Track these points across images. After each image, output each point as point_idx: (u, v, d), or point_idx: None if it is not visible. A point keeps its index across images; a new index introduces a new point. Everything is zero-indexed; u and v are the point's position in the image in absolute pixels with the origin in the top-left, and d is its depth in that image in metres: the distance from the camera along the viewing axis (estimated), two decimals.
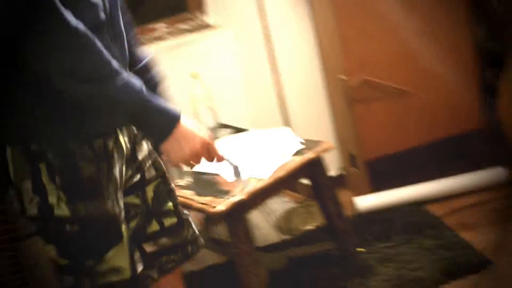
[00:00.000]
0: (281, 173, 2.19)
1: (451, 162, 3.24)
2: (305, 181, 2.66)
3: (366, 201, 2.93)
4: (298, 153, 2.29)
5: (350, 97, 2.88)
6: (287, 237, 2.87)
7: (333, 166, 3.27)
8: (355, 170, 3.07)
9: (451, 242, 2.48)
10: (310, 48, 3.11)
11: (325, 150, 2.35)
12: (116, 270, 1.38)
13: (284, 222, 2.98)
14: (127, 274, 1.41)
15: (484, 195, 2.85)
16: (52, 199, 1.28)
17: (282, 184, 2.26)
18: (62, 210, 1.29)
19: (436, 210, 2.82)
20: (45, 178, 1.27)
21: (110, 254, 1.37)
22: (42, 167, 1.27)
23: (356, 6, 2.78)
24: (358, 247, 2.57)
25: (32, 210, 1.30)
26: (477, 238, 2.49)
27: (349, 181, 3.21)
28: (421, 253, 2.46)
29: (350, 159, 3.12)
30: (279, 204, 3.13)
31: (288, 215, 3.03)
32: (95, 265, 1.35)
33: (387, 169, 3.15)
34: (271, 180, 2.16)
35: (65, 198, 1.29)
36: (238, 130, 2.64)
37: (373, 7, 2.77)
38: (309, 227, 2.88)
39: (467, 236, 2.53)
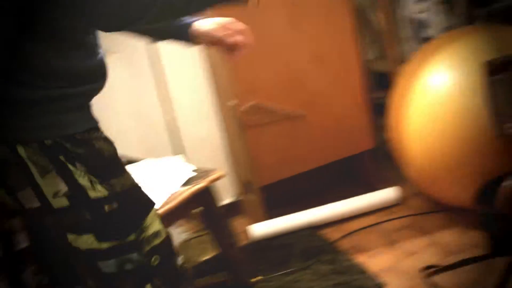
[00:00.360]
0: (172, 204, 2.12)
1: (345, 184, 3.27)
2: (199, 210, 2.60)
3: (262, 228, 2.89)
4: (189, 182, 2.22)
5: (242, 122, 2.84)
6: None
7: (229, 193, 3.23)
8: (251, 196, 3.03)
9: (345, 267, 2.48)
10: (201, 73, 3.06)
11: (217, 178, 2.29)
12: (156, 234, 1.40)
13: (179, 254, 2.89)
14: (164, 234, 1.44)
15: (377, 217, 2.88)
16: (84, 182, 1.28)
17: (174, 215, 2.18)
18: (99, 191, 1.29)
19: (331, 234, 2.82)
20: (70, 166, 1.26)
21: (148, 221, 1.39)
22: (62, 158, 1.26)
23: None
24: (254, 276, 2.52)
25: (60, 202, 1.27)
26: (371, 261, 2.50)
27: (245, 208, 3.17)
28: (317, 279, 2.44)
29: (245, 185, 3.08)
30: (174, 236, 3.04)
31: (183, 246, 2.95)
32: (139, 236, 1.36)
33: (283, 194, 3.14)
34: (161, 211, 2.09)
35: (98, 179, 1.29)
36: (129, 160, 2.55)
37: (262, 31, 2.76)
38: (205, 257, 2.81)
39: (361, 259, 2.53)
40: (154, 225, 1.41)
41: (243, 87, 2.80)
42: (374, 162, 3.21)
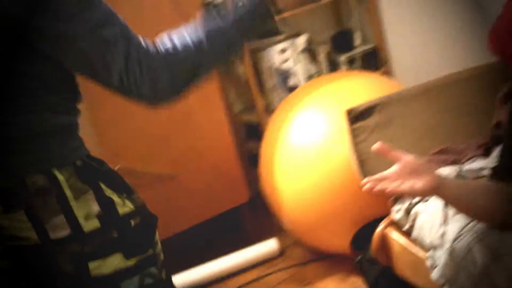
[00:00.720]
0: None
1: (226, 239, 3.20)
2: None
3: None
4: None
5: None
6: None
7: None
8: None
9: None
10: None
11: None
12: (160, 248, 1.42)
13: None
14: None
15: (259, 270, 2.83)
16: (115, 198, 1.30)
17: None
18: (127, 206, 1.32)
19: None
20: (102, 184, 1.29)
21: (156, 235, 1.41)
22: (93, 176, 1.29)
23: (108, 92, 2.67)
24: None
25: (91, 225, 1.28)
26: None
27: None
28: None
29: None
30: None
31: None
32: (154, 250, 1.38)
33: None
34: None
35: (124, 195, 1.32)
36: None
37: None
38: None
39: None
40: (158, 239, 1.44)
41: (108, 150, 2.69)
42: (253, 214, 3.17)
